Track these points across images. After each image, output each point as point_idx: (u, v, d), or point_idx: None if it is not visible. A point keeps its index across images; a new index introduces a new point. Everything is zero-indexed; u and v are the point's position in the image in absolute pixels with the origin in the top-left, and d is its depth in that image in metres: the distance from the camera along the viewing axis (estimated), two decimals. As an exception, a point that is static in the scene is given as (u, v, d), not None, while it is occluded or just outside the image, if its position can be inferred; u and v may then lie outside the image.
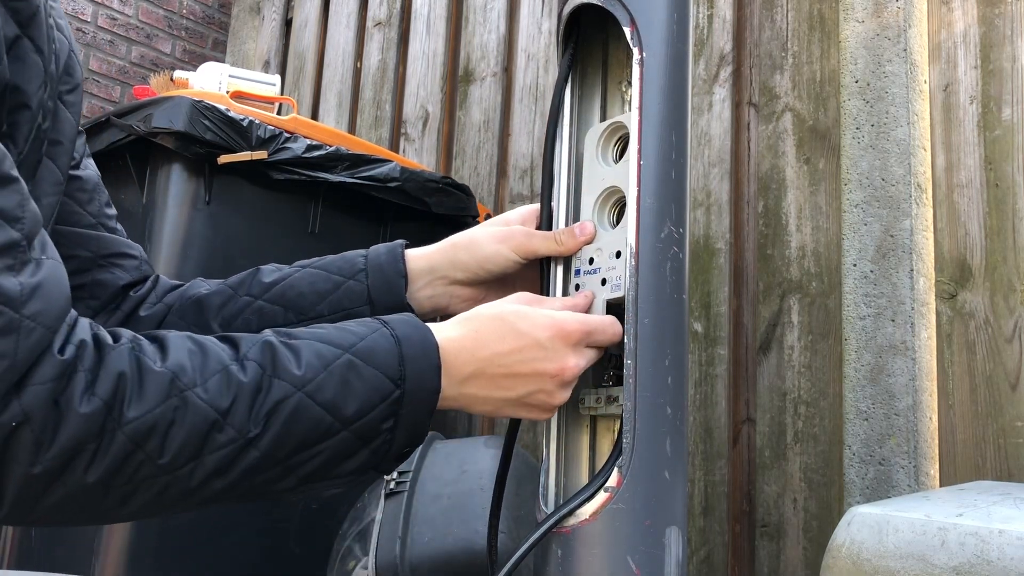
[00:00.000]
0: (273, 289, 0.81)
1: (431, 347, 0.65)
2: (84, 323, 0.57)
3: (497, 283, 0.83)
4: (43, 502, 0.54)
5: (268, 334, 0.63)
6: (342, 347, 0.62)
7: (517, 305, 0.70)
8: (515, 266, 0.80)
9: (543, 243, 0.78)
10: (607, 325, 0.71)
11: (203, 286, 0.85)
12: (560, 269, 0.78)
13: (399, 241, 0.85)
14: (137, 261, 0.86)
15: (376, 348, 0.63)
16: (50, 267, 0.56)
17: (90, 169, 0.83)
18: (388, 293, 0.81)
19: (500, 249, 0.80)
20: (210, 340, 0.61)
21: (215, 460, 0.57)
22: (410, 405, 0.63)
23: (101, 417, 0.54)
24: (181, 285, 0.86)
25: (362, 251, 0.84)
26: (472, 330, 0.67)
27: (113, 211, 0.85)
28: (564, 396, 0.69)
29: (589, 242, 0.76)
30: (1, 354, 0.51)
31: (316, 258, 0.84)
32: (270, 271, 0.84)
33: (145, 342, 0.59)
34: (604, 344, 0.71)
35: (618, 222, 0.76)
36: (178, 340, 0.59)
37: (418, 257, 0.83)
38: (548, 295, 0.77)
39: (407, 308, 0.81)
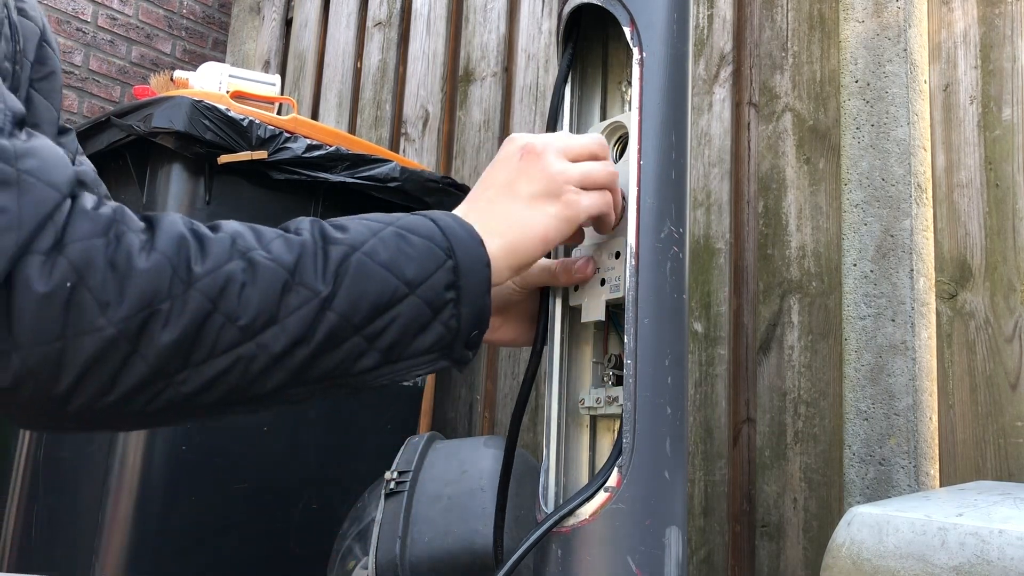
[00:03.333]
0: None
1: (461, 220, 0.66)
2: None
3: (508, 313, 0.81)
4: (123, 381, 0.50)
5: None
6: (384, 222, 0.63)
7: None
8: (517, 295, 0.78)
9: (538, 274, 0.76)
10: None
11: None
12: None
13: None
14: None
15: (417, 224, 0.63)
16: (43, 141, 0.53)
17: (85, 166, 0.82)
18: None
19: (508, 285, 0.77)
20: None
21: (295, 323, 0.56)
22: (467, 275, 0.62)
23: (167, 272, 0.52)
24: None
25: None
26: (474, 192, 0.71)
27: None
28: (562, 167, 0.69)
29: (585, 280, 0.74)
30: (2, 208, 0.48)
31: None
32: None
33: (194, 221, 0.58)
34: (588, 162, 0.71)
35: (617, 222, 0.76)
36: (225, 222, 0.59)
37: None
38: (548, 309, 0.77)
39: None
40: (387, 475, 1.40)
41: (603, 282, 0.74)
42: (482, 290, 0.64)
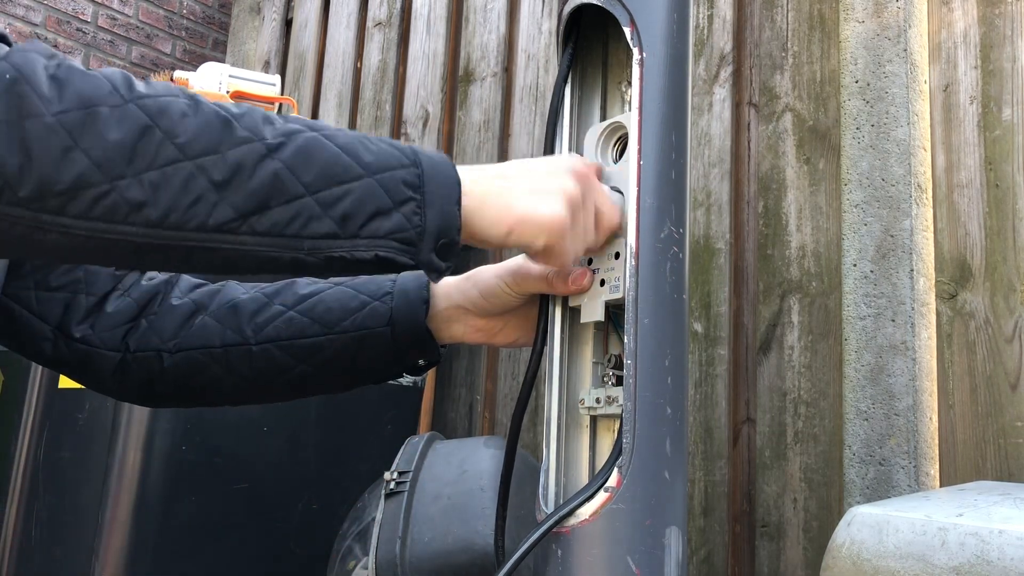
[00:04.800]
0: (305, 302, 0.83)
1: (441, 154, 0.67)
2: None
3: (510, 316, 0.83)
4: (66, 171, 0.53)
5: None
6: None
7: None
8: (516, 300, 0.80)
9: (535, 282, 0.76)
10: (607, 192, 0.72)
11: (239, 291, 0.86)
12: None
13: None
14: None
15: (387, 140, 0.65)
16: None
17: None
18: (409, 317, 0.82)
19: (498, 283, 0.79)
20: None
21: (235, 156, 0.57)
22: (431, 183, 0.63)
23: (107, 85, 0.55)
24: (204, 284, 0.87)
25: (392, 276, 0.85)
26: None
27: None
28: (569, 183, 0.69)
29: (582, 292, 0.74)
30: None
31: (349, 277, 0.85)
32: (305, 284, 0.85)
33: None
34: (597, 202, 0.70)
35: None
36: None
37: (441, 285, 0.84)
38: (548, 310, 0.77)
39: (426, 333, 0.82)
40: (387, 475, 1.40)
41: (603, 283, 0.74)
42: (451, 200, 0.64)
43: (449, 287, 0.84)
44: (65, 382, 1.64)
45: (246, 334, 0.82)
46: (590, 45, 0.83)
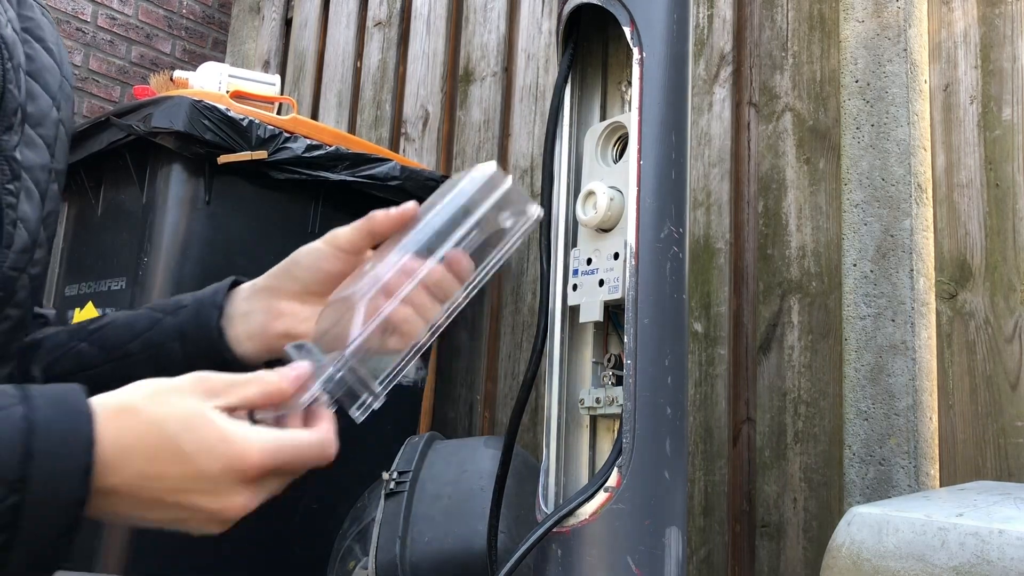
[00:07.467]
0: (97, 332, 0.78)
1: (81, 441, 0.52)
2: None
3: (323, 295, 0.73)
4: None
5: None
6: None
7: (187, 414, 0.56)
8: (336, 260, 0.73)
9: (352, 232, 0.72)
10: (306, 450, 0.60)
11: (49, 330, 0.80)
12: (560, 271, 0.78)
13: (236, 277, 0.79)
14: None
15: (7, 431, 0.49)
16: None
17: None
18: (199, 323, 0.75)
19: (318, 246, 0.74)
20: None
21: None
22: (34, 518, 0.51)
23: None
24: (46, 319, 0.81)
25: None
26: (127, 433, 0.54)
27: None
28: (222, 528, 0.60)
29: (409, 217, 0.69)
30: None
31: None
32: (107, 316, 0.80)
33: None
34: (300, 470, 0.60)
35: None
36: None
37: (247, 283, 0.78)
38: (548, 297, 0.77)
39: (219, 338, 0.75)
40: (387, 475, 1.40)
41: (601, 283, 0.74)
42: (55, 534, 0.53)
43: (260, 278, 0.77)
44: (65, 382, 1.64)
45: (32, 374, 0.77)
46: (590, 45, 0.83)
